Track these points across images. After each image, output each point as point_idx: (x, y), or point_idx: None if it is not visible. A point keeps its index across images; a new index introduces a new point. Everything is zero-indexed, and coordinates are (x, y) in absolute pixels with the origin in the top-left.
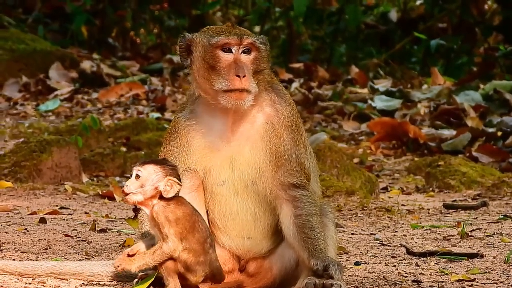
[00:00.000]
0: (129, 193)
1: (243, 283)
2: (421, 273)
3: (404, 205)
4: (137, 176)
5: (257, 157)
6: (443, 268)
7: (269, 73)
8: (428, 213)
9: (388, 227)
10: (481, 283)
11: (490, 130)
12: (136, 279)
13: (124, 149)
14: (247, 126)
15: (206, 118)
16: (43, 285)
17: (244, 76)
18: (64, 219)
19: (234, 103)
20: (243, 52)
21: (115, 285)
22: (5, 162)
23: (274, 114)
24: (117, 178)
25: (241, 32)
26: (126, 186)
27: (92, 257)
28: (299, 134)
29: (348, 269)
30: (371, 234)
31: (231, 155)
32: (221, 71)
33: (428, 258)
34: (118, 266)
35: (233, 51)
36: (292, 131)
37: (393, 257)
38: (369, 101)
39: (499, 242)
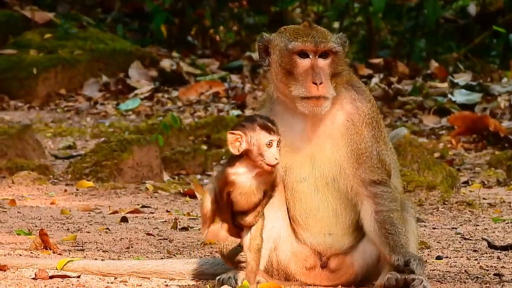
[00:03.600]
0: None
1: (324, 279)
2: (503, 267)
3: (486, 199)
4: (278, 144)
5: (337, 155)
6: None
7: (348, 72)
8: (510, 206)
9: (470, 221)
10: None
11: None
12: (218, 277)
13: (205, 147)
14: (328, 124)
15: (286, 117)
16: (125, 284)
17: (321, 83)
18: (145, 218)
19: (312, 110)
20: (320, 56)
21: (197, 283)
22: (86, 161)
23: (354, 111)
24: (198, 176)
25: (318, 37)
26: (276, 158)
27: (174, 255)
28: (380, 130)
29: (430, 264)
30: (452, 228)
31: (312, 153)
32: (298, 77)
33: (510, 251)
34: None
35: (310, 56)
36: (373, 128)
37: (474, 251)
38: (449, 95)
39: None
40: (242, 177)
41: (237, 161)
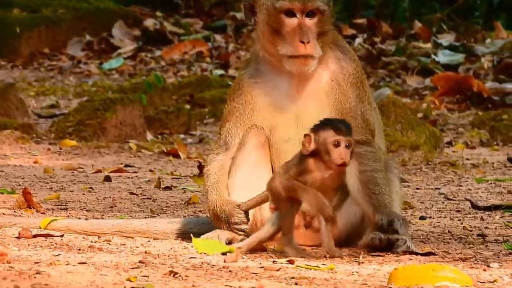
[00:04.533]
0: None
1: (308, 239)
2: (486, 227)
3: (469, 159)
4: (348, 146)
5: (322, 115)
6: (508, 222)
7: (333, 32)
8: (493, 167)
9: (453, 181)
10: None
11: None
12: (203, 236)
13: (188, 106)
14: (313, 83)
15: (271, 76)
16: (109, 243)
17: (308, 42)
18: (129, 177)
19: (299, 68)
20: (307, 15)
21: (181, 242)
22: (69, 120)
23: (339, 71)
24: (182, 136)
25: None
26: (342, 159)
27: (158, 214)
28: (364, 90)
29: (413, 224)
30: (435, 188)
31: (297, 112)
32: (286, 36)
33: (493, 212)
34: None
35: (297, 15)
36: (357, 88)
37: (458, 211)
38: (433, 56)
39: None
40: (313, 174)
41: (310, 159)
